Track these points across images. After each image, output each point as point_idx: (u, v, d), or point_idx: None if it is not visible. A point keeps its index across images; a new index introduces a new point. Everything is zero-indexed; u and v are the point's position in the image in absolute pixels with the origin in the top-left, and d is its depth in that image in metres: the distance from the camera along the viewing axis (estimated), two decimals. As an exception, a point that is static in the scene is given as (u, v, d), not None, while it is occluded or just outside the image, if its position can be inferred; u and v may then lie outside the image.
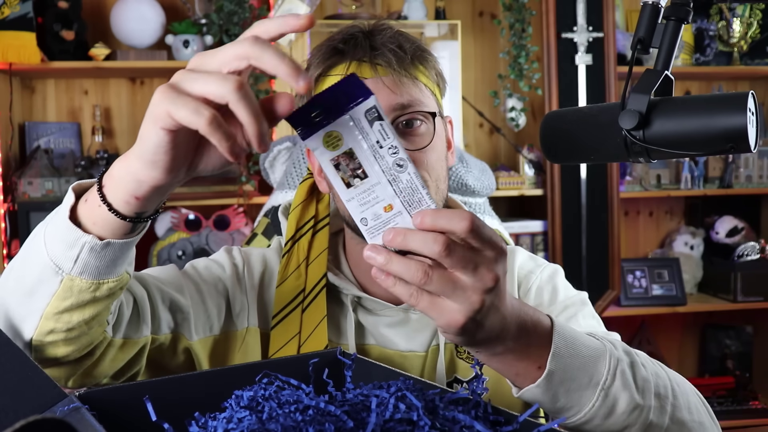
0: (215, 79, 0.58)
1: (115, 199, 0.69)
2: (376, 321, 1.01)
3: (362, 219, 0.63)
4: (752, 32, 3.03)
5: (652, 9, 0.77)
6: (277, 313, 0.99)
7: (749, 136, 0.71)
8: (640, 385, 0.77)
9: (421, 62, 0.94)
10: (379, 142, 0.62)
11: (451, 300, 0.63)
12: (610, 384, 0.75)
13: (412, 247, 0.61)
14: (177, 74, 0.61)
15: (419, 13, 2.78)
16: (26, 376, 0.74)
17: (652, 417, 0.77)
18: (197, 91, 0.58)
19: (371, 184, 0.63)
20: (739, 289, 2.92)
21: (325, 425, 0.63)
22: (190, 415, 0.72)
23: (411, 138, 0.92)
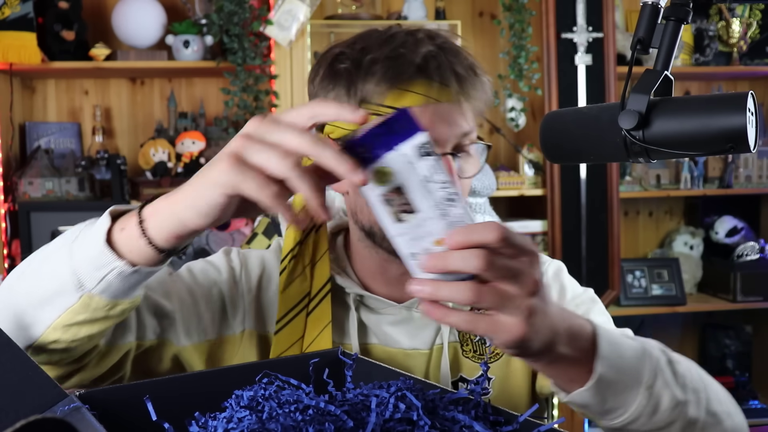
0: (277, 155, 0.62)
1: (155, 235, 0.72)
2: (379, 319, 1.01)
3: (412, 254, 0.62)
4: (752, 32, 3.03)
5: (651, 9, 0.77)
6: (282, 317, 0.98)
7: (749, 136, 0.71)
8: (679, 381, 0.78)
9: (486, 90, 0.94)
10: (430, 178, 0.61)
11: (505, 313, 0.62)
12: (653, 382, 0.76)
13: (453, 267, 0.61)
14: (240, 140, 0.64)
15: (419, 13, 2.78)
16: (26, 376, 0.74)
17: (691, 412, 0.79)
18: (259, 164, 0.62)
19: (422, 219, 0.61)
20: (738, 289, 2.92)
21: (325, 425, 0.63)
22: (190, 415, 0.72)
23: (465, 166, 0.93)
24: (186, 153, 2.58)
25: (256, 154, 0.63)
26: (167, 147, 2.58)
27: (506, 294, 0.62)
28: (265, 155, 0.62)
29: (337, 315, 1.02)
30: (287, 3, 2.54)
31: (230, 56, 2.52)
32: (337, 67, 0.91)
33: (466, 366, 1.01)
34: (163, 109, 2.79)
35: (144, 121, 2.81)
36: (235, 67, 2.52)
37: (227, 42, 2.51)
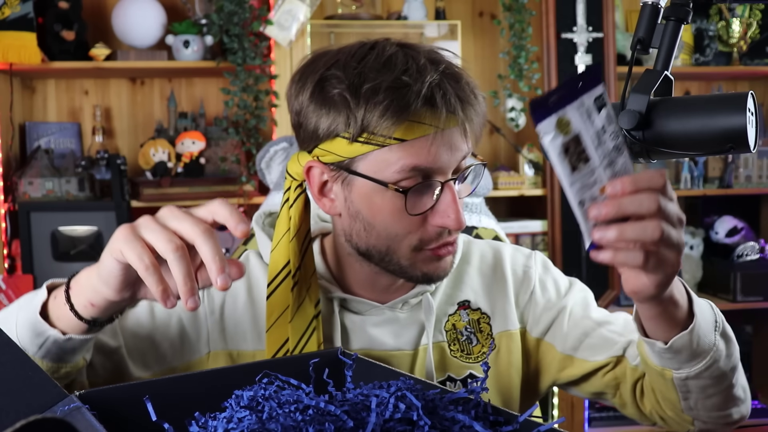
0: (164, 236, 0.71)
1: (76, 302, 0.80)
2: (363, 321, 1.00)
3: (581, 201, 0.67)
4: (752, 32, 3.03)
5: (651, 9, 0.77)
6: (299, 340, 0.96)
7: (749, 136, 0.71)
8: (730, 330, 0.89)
9: (484, 110, 0.94)
10: (604, 127, 0.66)
11: (670, 250, 0.70)
12: (723, 327, 0.87)
13: (630, 210, 0.67)
14: (144, 218, 0.73)
15: (419, 13, 2.78)
16: (26, 376, 0.74)
17: (737, 359, 0.91)
18: (148, 240, 0.72)
19: (593, 167, 0.67)
20: (738, 289, 2.92)
21: (325, 425, 0.63)
22: (190, 415, 0.72)
23: (463, 188, 0.94)
24: (186, 153, 2.58)
25: (148, 231, 0.72)
26: (167, 147, 2.58)
27: (673, 233, 0.69)
28: (154, 234, 0.71)
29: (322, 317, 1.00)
30: (287, 3, 2.54)
31: (230, 56, 2.52)
32: (331, 92, 0.87)
33: (454, 365, 1.01)
34: (163, 109, 2.79)
35: (144, 121, 2.81)
36: (235, 67, 2.52)
37: (227, 42, 2.51)
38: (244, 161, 2.60)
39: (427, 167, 0.87)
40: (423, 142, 0.86)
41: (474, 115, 0.90)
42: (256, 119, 2.57)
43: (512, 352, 1.04)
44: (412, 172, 0.87)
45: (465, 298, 1.05)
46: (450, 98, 0.87)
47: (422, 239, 0.91)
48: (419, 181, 0.88)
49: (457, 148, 0.89)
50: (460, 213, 0.90)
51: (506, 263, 1.08)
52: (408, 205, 0.88)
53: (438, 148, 0.87)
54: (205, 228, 0.71)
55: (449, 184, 0.89)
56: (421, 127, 0.86)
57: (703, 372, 0.86)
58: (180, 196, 2.55)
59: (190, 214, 0.73)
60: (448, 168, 0.89)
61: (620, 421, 2.87)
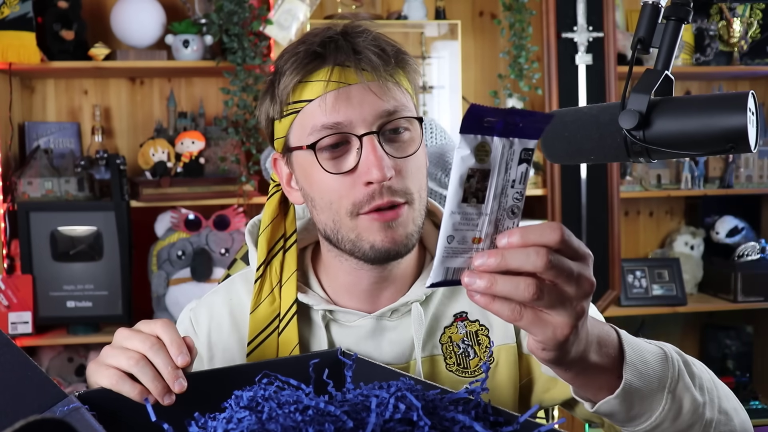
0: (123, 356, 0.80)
1: None
2: (349, 333, 0.98)
3: (449, 236, 0.62)
4: (752, 32, 3.03)
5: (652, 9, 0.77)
6: (253, 340, 0.98)
7: (749, 136, 0.71)
8: (696, 383, 0.79)
9: (403, 66, 0.92)
10: (514, 183, 0.62)
11: (557, 312, 0.62)
12: (675, 386, 0.77)
13: (514, 265, 0.60)
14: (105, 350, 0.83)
15: (419, 13, 2.77)
16: (26, 376, 0.74)
17: (707, 413, 0.80)
18: (111, 364, 0.80)
19: (480, 212, 0.62)
20: (739, 289, 2.92)
21: (325, 425, 0.63)
22: (190, 415, 0.72)
23: (397, 145, 0.90)
24: (185, 153, 2.58)
25: (109, 357, 0.81)
26: (167, 147, 2.58)
27: (564, 295, 0.62)
28: (115, 358, 0.80)
29: (305, 337, 0.99)
30: (287, 2, 2.54)
31: (230, 56, 2.52)
32: (267, 80, 0.95)
33: (449, 380, 0.98)
34: (163, 109, 2.79)
35: (143, 120, 2.81)
36: (235, 67, 2.52)
37: (227, 42, 2.51)
38: (243, 161, 2.60)
39: (334, 123, 0.88)
40: (323, 98, 0.88)
41: (385, 67, 0.88)
42: (256, 119, 2.56)
43: (510, 367, 1.00)
44: (324, 130, 0.88)
45: (462, 309, 1.00)
46: (343, 52, 0.88)
47: (354, 202, 0.89)
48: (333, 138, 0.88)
49: (368, 103, 0.88)
50: (381, 164, 0.86)
51: None
52: (326, 162, 0.89)
53: (340, 103, 0.88)
54: (153, 342, 0.80)
55: (369, 137, 0.88)
56: (318, 84, 0.88)
57: (655, 429, 0.77)
58: (179, 196, 2.55)
59: (139, 331, 0.82)
60: (362, 122, 0.88)
61: (620, 421, 2.87)
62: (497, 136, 0.60)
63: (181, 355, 0.79)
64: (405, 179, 0.90)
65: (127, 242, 2.48)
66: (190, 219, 2.56)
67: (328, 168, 0.89)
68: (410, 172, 0.91)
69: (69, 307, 2.49)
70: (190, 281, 2.51)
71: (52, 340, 2.53)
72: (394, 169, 0.88)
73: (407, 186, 0.91)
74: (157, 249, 2.56)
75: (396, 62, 0.91)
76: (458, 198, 0.61)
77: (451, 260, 0.62)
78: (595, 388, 0.74)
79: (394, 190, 0.89)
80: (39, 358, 2.61)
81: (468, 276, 0.62)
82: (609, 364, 0.72)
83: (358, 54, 0.88)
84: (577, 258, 0.63)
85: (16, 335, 2.43)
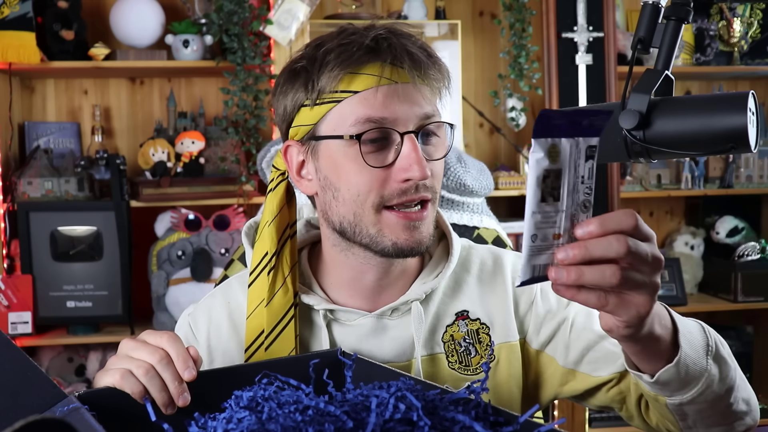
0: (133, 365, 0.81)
1: None
2: (350, 332, 0.99)
3: (533, 235, 0.65)
4: (753, 32, 3.02)
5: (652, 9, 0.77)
6: (272, 330, 0.97)
7: (749, 136, 0.71)
8: (725, 350, 0.86)
9: (442, 72, 0.95)
10: (584, 179, 0.67)
11: (638, 293, 0.68)
12: (715, 353, 0.83)
13: (598, 254, 0.65)
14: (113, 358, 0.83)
15: (419, 13, 2.77)
16: (26, 376, 0.74)
17: (736, 378, 0.88)
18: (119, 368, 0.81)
19: (558, 210, 0.66)
20: (739, 289, 2.92)
21: (325, 425, 0.63)
22: (190, 415, 0.72)
23: (430, 148, 0.94)
24: (185, 153, 2.58)
25: (117, 364, 0.82)
26: (167, 147, 2.58)
27: (643, 274, 0.67)
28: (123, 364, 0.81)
29: (306, 337, 1.00)
30: (287, 2, 2.53)
31: (230, 56, 2.52)
32: (295, 68, 0.94)
33: (452, 378, 0.98)
34: (163, 109, 2.79)
35: (143, 120, 2.81)
36: (235, 67, 2.52)
37: (227, 41, 2.50)
38: (243, 161, 2.60)
39: (380, 117, 0.90)
40: (373, 92, 0.90)
41: (428, 71, 0.92)
42: (256, 119, 2.56)
43: (512, 364, 1.01)
44: (368, 123, 0.90)
45: (463, 308, 1.01)
46: (396, 50, 0.90)
47: (383, 195, 0.91)
48: (377, 132, 0.90)
49: (415, 103, 0.91)
50: (422, 164, 0.89)
51: (507, 270, 1.04)
52: (366, 155, 0.90)
53: (390, 99, 0.90)
54: (161, 357, 0.81)
55: (410, 136, 0.90)
56: (367, 78, 0.90)
57: (698, 398, 0.83)
58: (179, 196, 2.55)
59: (145, 343, 0.83)
60: (406, 120, 0.91)
61: (621, 422, 2.85)
62: (564, 137, 0.64)
63: (188, 369, 0.80)
64: (436, 180, 0.94)
65: (127, 242, 2.48)
66: (190, 219, 2.56)
67: (368, 161, 0.90)
68: (437, 175, 0.95)
69: (69, 307, 2.49)
70: (190, 281, 2.51)
71: (51, 340, 2.53)
72: None
73: (435, 185, 0.94)
74: (157, 249, 2.56)
75: (439, 69, 0.94)
76: (537, 198, 0.64)
77: (536, 258, 0.65)
78: (656, 359, 0.79)
79: (425, 187, 0.92)
80: (39, 358, 2.61)
81: (555, 271, 0.66)
82: (667, 335, 0.78)
83: (411, 55, 0.91)
84: (648, 239, 0.68)
85: (16, 335, 2.43)
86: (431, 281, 1.00)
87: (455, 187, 1.38)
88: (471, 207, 1.49)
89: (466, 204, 1.40)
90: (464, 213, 1.39)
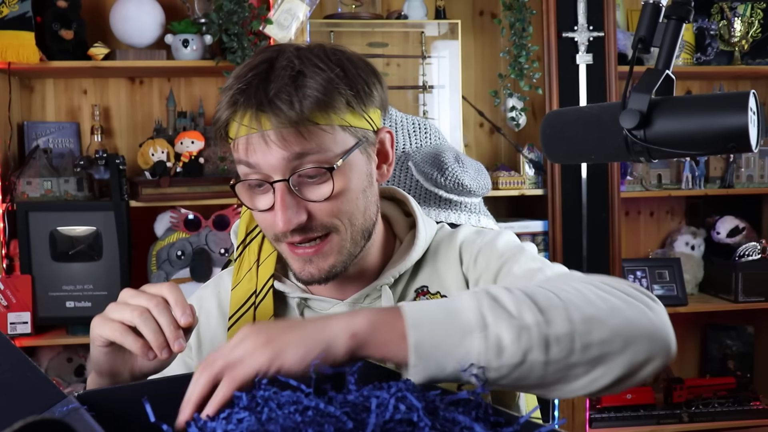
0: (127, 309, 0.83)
1: None
2: None
3: None
4: (753, 32, 3.02)
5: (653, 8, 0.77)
6: (233, 315, 1.03)
7: (750, 136, 0.70)
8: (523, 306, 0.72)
9: (327, 103, 0.88)
10: None
11: None
12: (483, 323, 0.70)
13: None
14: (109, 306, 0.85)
15: (419, 13, 2.77)
16: (26, 376, 0.74)
17: (553, 330, 0.71)
18: (115, 317, 0.84)
19: None
20: (740, 289, 2.92)
21: (325, 426, 0.62)
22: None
23: (312, 190, 0.91)
24: (185, 152, 2.58)
25: (113, 312, 0.84)
26: (166, 146, 2.58)
27: None
28: (120, 312, 0.83)
29: (282, 318, 1.03)
30: (287, 2, 2.53)
31: (229, 55, 2.51)
32: None
33: None
34: (162, 109, 2.79)
35: (143, 120, 2.80)
36: (235, 67, 2.51)
37: (226, 41, 2.50)
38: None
39: (248, 163, 0.91)
40: (243, 140, 0.91)
41: (298, 116, 0.87)
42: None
43: None
44: (245, 169, 0.92)
45: (423, 283, 1.03)
46: (260, 96, 0.88)
47: (275, 233, 0.94)
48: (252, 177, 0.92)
49: (283, 148, 0.88)
50: (282, 216, 0.89)
51: (458, 239, 1.04)
52: (245, 199, 0.95)
53: (253, 147, 0.90)
54: (158, 302, 0.82)
55: (277, 185, 0.90)
56: (239, 127, 0.90)
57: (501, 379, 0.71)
58: (179, 196, 2.55)
59: (144, 291, 0.84)
60: (272, 168, 0.90)
61: (622, 422, 2.86)
62: None
63: (185, 315, 0.82)
64: (323, 218, 0.92)
65: (126, 242, 2.48)
66: (189, 219, 2.56)
67: (248, 203, 0.95)
68: (330, 210, 0.92)
69: (68, 307, 2.49)
70: (189, 281, 2.50)
71: (51, 340, 2.52)
72: (308, 210, 0.91)
73: (326, 222, 0.92)
74: (156, 249, 2.55)
75: (318, 103, 0.88)
76: None
77: None
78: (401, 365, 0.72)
79: (310, 227, 0.92)
80: (38, 358, 2.61)
81: None
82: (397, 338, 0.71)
83: (271, 102, 0.87)
84: None
85: (15, 335, 2.43)
86: (398, 266, 1.02)
87: (453, 187, 1.37)
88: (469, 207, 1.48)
89: (464, 204, 1.39)
90: (462, 213, 1.39)
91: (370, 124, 0.96)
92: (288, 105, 0.87)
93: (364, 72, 0.94)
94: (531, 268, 0.94)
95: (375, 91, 0.95)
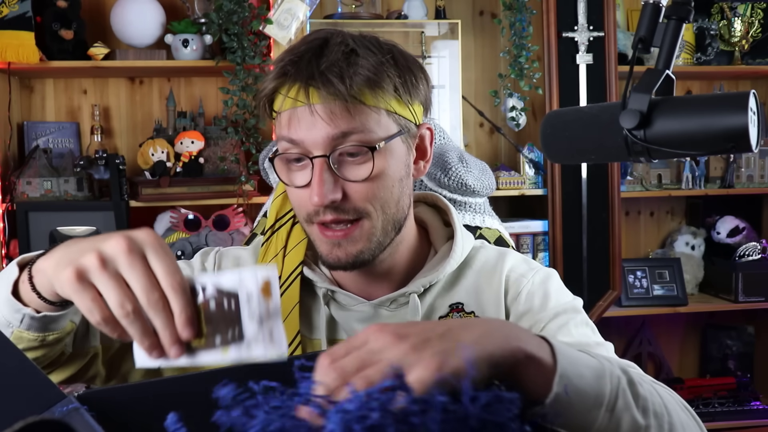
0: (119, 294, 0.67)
1: (42, 291, 0.78)
2: (348, 316, 1.01)
3: None
4: (753, 31, 3.02)
5: (653, 8, 0.77)
6: None
7: (750, 136, 0.70)
8: (640, 404, 0.74)
9: (376, 83, 0.89)
10: None
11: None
12: (614, 403, 0.71)
13: None
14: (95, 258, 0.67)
15: (419, 13, 2.77)
16: (26, 376, 0.74)
17: None
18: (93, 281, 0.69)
19: None
20: (740, 289, 2.92)
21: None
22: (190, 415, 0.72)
23: (350, 170, 0.91)
24: (185, 152, 2.58)
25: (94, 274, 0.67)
26: (166, 146, 2.58)
27: None
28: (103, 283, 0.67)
29: (308, 310, 1.03)
30: (287, 2, 2.53)
31: (229, 55, 2.51)
32: None
33: None
34: (162, 109, 2.79)
35: (143, 120, 2.80)
36: (235, 67, 2.51)
37: (226, 41, 2.50)
38: (243, 161, 2.60)
39: (294, 139, 0.91)
40: (287, 114, 0.91)
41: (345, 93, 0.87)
42: (256, 118, 2.56)
43: None
44: (286, 144, 0.92)
45: (458, 300, 1.02)
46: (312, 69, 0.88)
47: (308, 212, 0.93)
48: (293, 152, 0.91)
49: (327, 124, 0.88)
50: (318, 190, 0.89)
51: (506, 266, 1.04)
52: (283, 174, 0.94)
53: (297, 122, 0.90)
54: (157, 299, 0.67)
55: (317, 160, 0.90)
56: (284, 99, 0.91)
57: None
58: (179, 196, 2.55)
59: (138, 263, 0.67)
60: (313, 144, 0.90)
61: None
62: None
63: (186, 329, 0.67)
64: (357, 200, 0.92)
65: (126, 242, 2.47)
66: (189, 219, 2.56)
67: (285, 179, 0.94)
68: (365, 193, 0.92)
69: (68, 307, 2.49)
70: (189, 281, 2.50)
71: (51, 340, 2.52)
72: (344, 190, 0.91)
73: (359, 206, 0.92)
74: (156, 249, 2.55)
75: (368, 81, 0.89)
76: None
77: None
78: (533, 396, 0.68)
79: (342, 209, 0.91)
80: (38, 358, 2.61)
81: None
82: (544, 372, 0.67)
83: (323, 75, 0.88)
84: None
85: (15, 335, 2.43)
86: (430, 275, 1.01)
87: (457, 187, 1.37)
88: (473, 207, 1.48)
89: (468, 204, 1.39)
90: (466, 213, 1.39)
91: (413, 116, 0.96)
92: (339, 79, 0.87)
93: (413, 65, 0.96)
94: (587, 336, 0.97)
95: (421, 85, 0.96)
